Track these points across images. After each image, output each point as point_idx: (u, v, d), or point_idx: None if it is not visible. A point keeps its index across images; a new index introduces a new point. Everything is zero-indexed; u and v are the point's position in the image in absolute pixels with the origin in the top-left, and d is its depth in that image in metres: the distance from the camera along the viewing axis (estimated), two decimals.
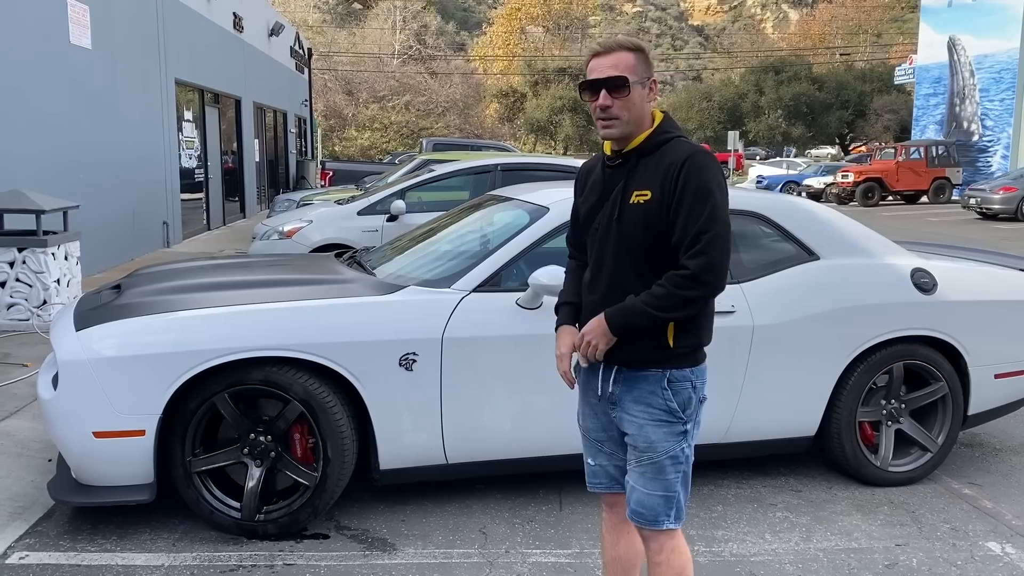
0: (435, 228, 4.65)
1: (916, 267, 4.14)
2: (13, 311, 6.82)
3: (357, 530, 3.59)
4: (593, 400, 2.47)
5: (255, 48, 19.36)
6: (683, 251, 2.23)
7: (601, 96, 2.28)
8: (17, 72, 8.50)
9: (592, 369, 2.44)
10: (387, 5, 62.81)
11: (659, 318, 2.24)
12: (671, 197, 2.25)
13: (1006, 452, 4.69)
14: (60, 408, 3.35)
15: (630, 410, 2.36)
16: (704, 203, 2.22)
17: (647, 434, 2.33)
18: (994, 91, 28.00)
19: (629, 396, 2.36)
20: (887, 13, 71.48)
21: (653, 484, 2.35)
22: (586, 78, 2.33)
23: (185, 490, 3.45)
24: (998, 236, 16.44)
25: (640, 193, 2.29)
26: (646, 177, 2.30)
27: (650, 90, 2.33)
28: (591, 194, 2.45)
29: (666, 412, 2.33)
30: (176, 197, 13.35)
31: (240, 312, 3.45)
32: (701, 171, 2.24)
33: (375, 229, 7.92)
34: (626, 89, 2.26)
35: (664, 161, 2.28)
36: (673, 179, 2.25)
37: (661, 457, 2.33)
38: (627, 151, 2.35)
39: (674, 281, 2.23)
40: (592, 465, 2.56)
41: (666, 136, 2.33)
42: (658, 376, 2.33)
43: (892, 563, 3.38)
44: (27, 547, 3.38)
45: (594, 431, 2.51)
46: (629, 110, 2.28)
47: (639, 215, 2.29)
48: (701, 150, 2.28)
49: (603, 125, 2.32)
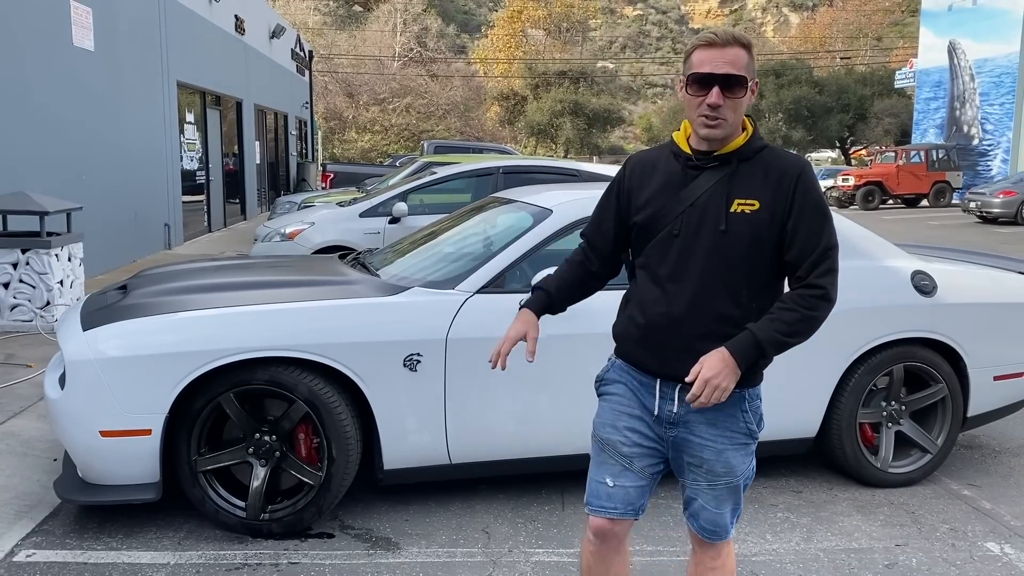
0: (439, 230, 4.68)
1: (916, 269, 4.16)
2: (16, 312, 6.85)
3: (361, 529, 3.62)
4: (636, 412, 2.25)
5: (256, 50, 19.40)
6: (809, 268, 2.09)
7: (714, 94, 2.06)
8: (20, 74, 8.53)
9: (642, 384, 2.24)
10: (388, 7, 62.89)
11: (793, 345, 2.08)
12: (786, 210, 2.10)
13: (1005, 454, 4.71)
14: (67, 407, 3.37)
15: (704, 434, 2.18)
16: (826, 218, 2.12)
17: (728, 459, 2.20)
18: (994, 95, 28.06)
19: (702, 419, 2.18)
20: (887, 17, 71.56)
21: (726, 504, 2.25)
22: (694, 70, 2.09)
23: (191, 489, 3.47)
24: (998, 240, 16.47)
25: (745, 202, 2.11)
26: (751, 185, 2.12)
27: (753, 92, 2.15)
28: (661, 195, 2.19)
29: (746, 435, 2.21)
30: (177, 199, 13.38)
31: (246, 312, 3.47)
32: (815, 185, 2.14)
33: (377, 231, 7.95)
34: (743, 91, 2.09)
35: (771, 170, 2.13)
36: (789, 192, 2.10)
37: (739, 480, 2.23)
38: (724, 153, 2.15)
39: (807, 303, 2.08)
40: (610, 487, 2.25)
41: (762, 143, 2.18)
42: (736, 398, 2.16)
43: (892, 563, 3.40)
44: (34, 545, 3.40)
45: (626, 446, 2.24)
46: (737, 112, 2.10)
47: (744, 226, 2.10)
48: (808, 162, 2.18)
49: (708, 124, 2.10)
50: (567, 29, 68.93)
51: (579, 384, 3.71)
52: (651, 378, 2.23)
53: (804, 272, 2.10)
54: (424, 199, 8.30)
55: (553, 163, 9.00)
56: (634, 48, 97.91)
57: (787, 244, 2.11)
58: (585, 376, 3.70)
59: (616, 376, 2.32)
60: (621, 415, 2.26)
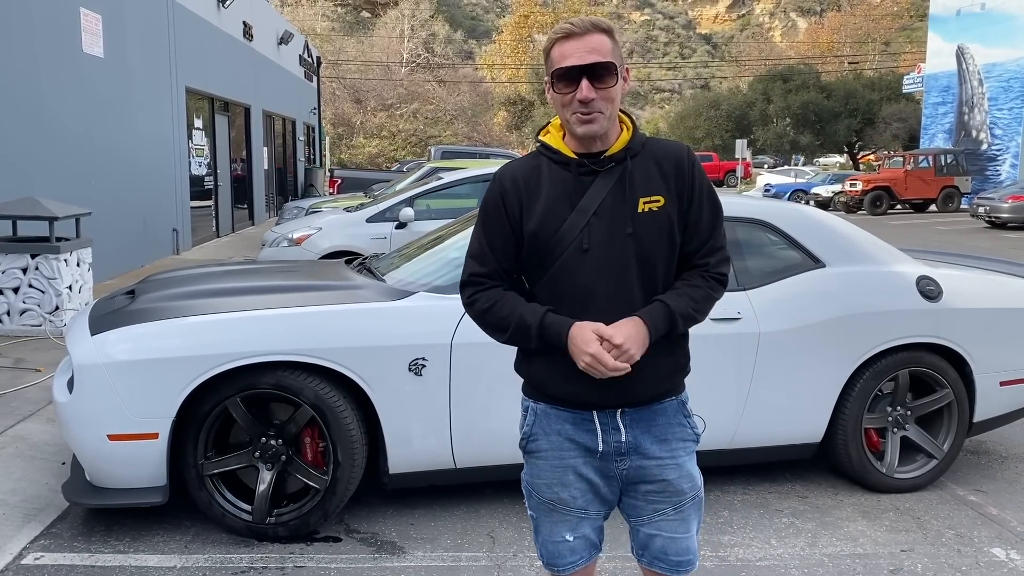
0: (444, 235, 4.70)
1: (922, 275, 4.16)
2: (26, 316, 6.89)
3: (366, 533, 3.63)
4: (579, 460, 2.03)
5: (264, 56, 19.49)
6: (706, 254, 2.01)
7: (583, 87, 1.88)
8: (30, 80, 8.60)
9: (577, 423, 2.02)
10: (395, 13, 63.12)
11: (695, 322, 1.99)
12: (687, 200, 1.99)
13: (1012, 459, 4.70)
14: (75, 411, 3.40)
15: (659, 453, 2.02)
16: (716, 203, 2.05)
17: (689, 471, 2.05)
18: (1003, 100, 27.97)
19: (650, 438, 2.02)
20: (896, 22, 71.45)
21: (692, 522, 2.07)
22: (557, 65, 1.91)
23: (197, 493, 3.49)
24: (1007, 245, 16.41)
25: (651, 200, 1.96)
26: (650, 181, 1.98)
27: (625, 79, 1.97)
28: (556, 207, 1.97)
29: (694, 441, 2.08)
30: (186, 204, 13.45)
31: (252, 317, 3.49)
32: (703, 169, 2.05)
33: (384, 236, 7.98)
34: (613, 78, 1.91)
35: (664, 161, 2.00)
36: (688, 180, 1.99)
37: (700, 490, 2.08)
38: (617, 152, 1.98)
39: (711, 284, 2.01)
40: (570, 542, 2.07)
41: (643, 135, 2.04)
42: (676, 405, 2.05)
43: (897, 568, 3.40)
44: (42, 548, 3.42)
45: (577, 499, 2.05)
46: (612, 102, 1.93)
47: (653, 224, 1.96)
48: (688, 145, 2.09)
49: (584, 120, 1.91)
50: None
51: None
52: (586, 412, 2.01)
53: (703, 259, 2.02)
54: (431, 204, 8.33)
55: None
56: (641, 53, 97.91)
57: (689, 234, 2.01)
58: None
59: (544, 428, 2.08)
60: (565, 469, 2.04)
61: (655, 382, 2.01)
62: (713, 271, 2.02)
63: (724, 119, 47.91)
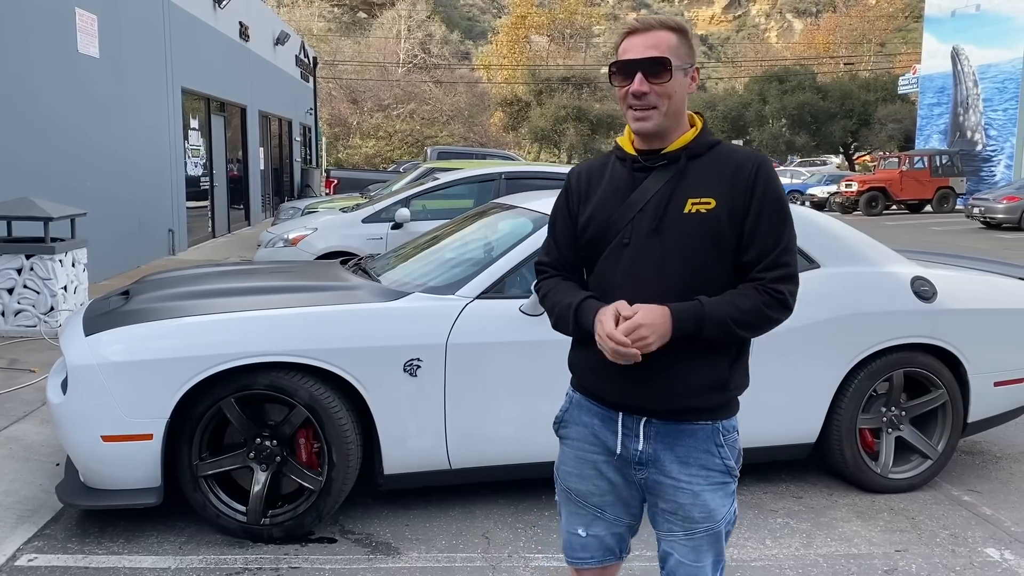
0: (439, 236, 4.70)
1: (916, 275, 4.17)
2: (21, 317, 6.88)
3: (361, 534, 3.63)
4: (600, 458, 2.04)
5: (261, 57, 19.48)
6: (764, 268, 1.91)
7: (636, 80, 1.90)
8: (25, 80, 8.58)
9: (603, 421, 2.02)
10: (392, 14, 63.11)
11: (734, 335, 1.88)
12: (744, 208, 1.92)
13: (1006, 460, 4.71)
14: (69, 412, 3.39)
15: (676, 475, 1.96)
16: (786, 216, 1.94)
17: (705, 502, 1.95)
18: (998, 101, 28.05)
19: (671, 456, 1.95)
20: (891, 23, 71.60)
21: (706, 555, 1.99)
22: (618, 59, 1.95)
23: (192, 494, 3.49)
24: (1001, 245, 16.45)
25: (700, 201, 1.92)
26: (705, 182, 1.94)
27: (692, 79, 1.96)
28: (607, 202, 2.00)
29: (724, 473, 1.97)
30: (182, 205, 13.43)
31: (247, 318, 3.49)
32: (774, 182, 1.95)
33: (379, 237, 7.97)
34: (667, 73, 1.89)
35: (726, 165, 1.95)
36: (747, 187, 1.92)
37: (720, 526, 1.98)
38: (672, 151, 1.97)
39: (765, 300, 1.88)
40: (583, 537, 2.10)
41: (713, 139, 2.00)
42: (709, 431, 1.95)
43: (891, 569, 3.41)
44: (36, 549, 3.42)
45: (594, 495, 2.06)
46: (669, 99, 1.91)
47: (699, 225, 1.91)
48: (766, 156, 2.00)
49: (637, 116, 1.93)
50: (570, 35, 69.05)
51: None
52: (613, 412, 2.00)
53: (759, 273, 1.91)
54: (426, 205, 8.33)
55: (555, 169, 9.02)
56: None
57: (744, 244, 1.92)
58: None
59: (575, 416, 2.09)
60: (585, 462, 2.06)
61: (680, 393, 1.92)
62: (768, 286, 1.90)
63: (720, 120, 47.97)
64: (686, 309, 1.85)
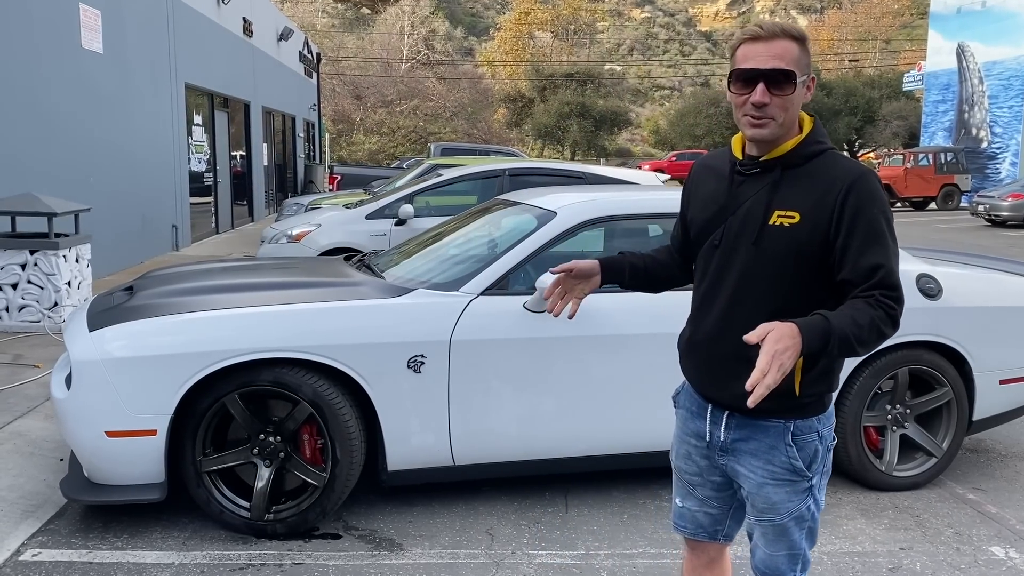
0: (443, 232, 4.69)
1: (921, 273, 4.16)
2: (24, 312, 6.89)
3: (365, 530, 3.63)
4: (693, 440, 2.17)
5: (264, 53, 19.47)
6: (871, 286, 1.86)
7: (758, 91, 1.89)
8: (29, 76, 8.58)
9: (698, 408, 2.14)
10: (395, 10, 63.06)
11: (855, 353, 1.82)
12: (831, 226, 1.89)
13: (1011, 458, 4.70)
14: (73, 408, 3.39)
15: (747, 463, 2.05)
16: (879, 236, 1.87)
17: (767, 494, 2.03)
18: (1003, 98, 27.97)
19: (746, 447, 2.04)
20: (896, 20, 71.42)
21: (776, 545, 2.06)
22: (738, 66, 1.93)
23: (195, 490, 3.49)
24: (1006, 243, 16.41)
25: (786, 214, 1.92)
26: (794, 195, 1.93)
27: (808, 89, 1.96)
28: (711, 202, 2.06)
29: (788, 470, 2.01)
30: (185, 200, 13.43)
31: (251, 314, 3.49)
32: (872, 198, 1.88)
33: (383, 233, 7.97)
34: (791, 86, 1.90)
35: (820, 179, 1.92)
36: (836, 205, 1.88)
37: (784, 519, 2.03)
38: (768, 159, 1.97)
39: (878, 313, 1.82)
40: (680, 507, 2.26)
41: (819, 147, 1.97)
42: (780, 428, 2.00)
43: (896, 567, 3.40)
44: (40, 545, 3.42)
45: (689, 473, 2.21)
46: (787, 111, 1.92)
47: (782, 240, 1.92)
48: (869, 172, 1.92)
49: (754, 123, 1.93)
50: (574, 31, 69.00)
51: (582, 386, 3.72)
52: (704, 401, 2.12)
53: (868, 291, 1.85)
54: (430, 201, 8.32)
55: (559, 165, 9.01)
56: (641, 50, 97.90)
57: (837, 263, 1.90)
58: (588, 378, 3.72)
59: (682, 399, 2.23)
60: (683, 441, 2.21)
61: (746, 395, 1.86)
62: (882, 301, 1.83)
63: (724, 116, 47.83)
64: (813, 327, 1.76)
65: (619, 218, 4.03)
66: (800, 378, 1.96)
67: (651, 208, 4.12)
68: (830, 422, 2.06)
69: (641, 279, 2.33)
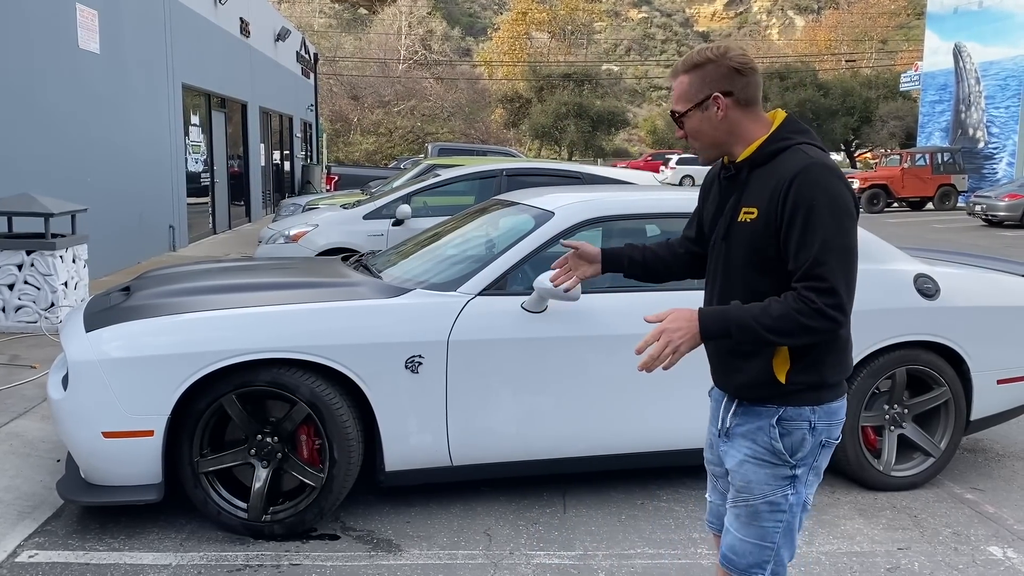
0: (441, 232, 4.69)
1: (919, 273, 4.16)
2: (21, 313, 6.87)
3: (363, 531, 3.62)
4: (714, 429, 2.25)
5: (261, 53, 19.45)
6: (799, 278, 1.94)
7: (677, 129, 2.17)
8: (26, 76, 8.56)
9: (718, 397, 2.24)
10: (393, 10, 63.05)
11: (765, 339, 1.94)
12: (778, 218, 1.97)
13: (1008, 457, 4.70)
14: (70, 408, 3.38)
15: (736, 444, 2.14)
16: (816, 227, 1.92)
17: (745, 472, 2.10)
18: (1000, 98, 28.01)
19: (739, 430, 2.13)
20: (893, 20, 71.52)
21: (747, 529, 2.10)
22: None
23: (193, 490, 3.48)
24: (1003, 243, 16.43)
25: (748, 210, 2.05)
26: (755, 192, 2.05)
27: (718, 108, 2.06)
28: (711, 204, 2.24)
29: (769, 451, 2.07)
30: (182, 201, 13.42)
31: (248, 314, 3.48)
32: (813, 188, 1.93)
33: (381, 233, 7.96)
34: (680, 123, 2.13)
35: (775, 174, 2.01)
36: (780, 198, 1.97)
37: (757, 500, 2.08)
38: (739, 162, 2.10)
39: (798, 305, 1.91)
40: (709, 501, 2.35)
41: (783, 144, 2.04)
42: (771, 412, 2.07)
43: (894, 567, 3.40)
44: (36, 546, 3.41)
45: (711, 463, 2.30)
46: (699, 137, 2.12)
47: (745, 235, 2.05)
48: (817, 162, 1.96)
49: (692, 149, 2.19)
50: (571, 32, 69.02)
51: (580, 386, 3.72)
52: (720, 393, 2.23)
53: (796, 283, 1.95)
54: (428, 201, 8.32)
55: (556, 165, 9.01)
56: (639, 51, 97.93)
57: (785, 255, 1.98)
58: (586, 378, 3.71)
59: (714, 390, 2.30)
60: (709, 431, 2.30)
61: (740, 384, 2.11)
62: (802, 293, 1.92)
63: None
64: (712, 314, 1.98)
65: (616, 218, 4.02)
66: (784, 368, 2.04)
67: (648, 208, 4.12)
68: (830, 418, 2.08)
69: (638, 270, 2.47)
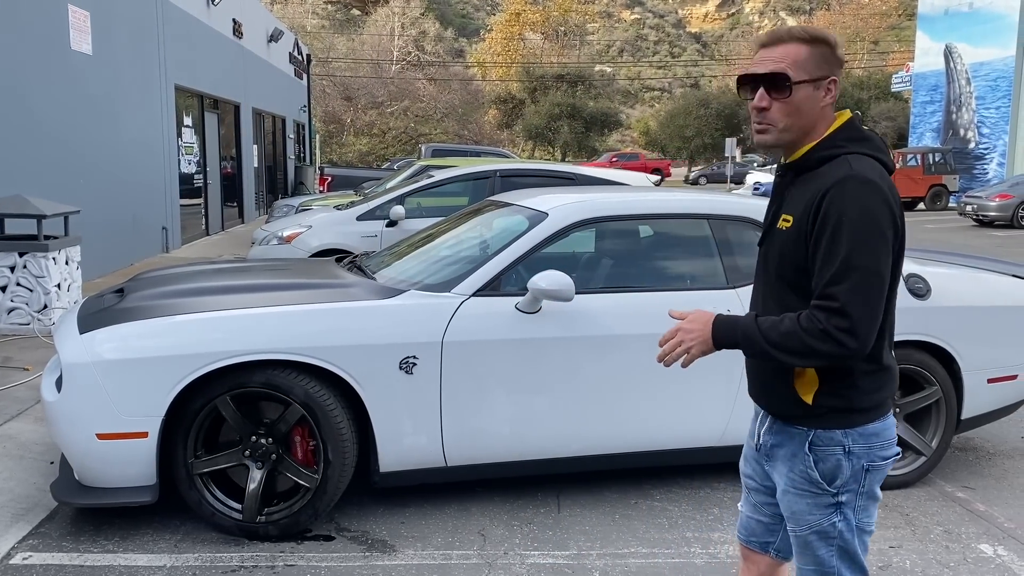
0: (435, 233, 4.70)
1: (910, 272, 4.18)
2: (14, 315, 6.86)
3: (357, 532, 3.63)
4: (751, 442, 2.16)
5: (254, 54, 19.42)
6: (816, 298, 1.84)
7: (757, 95, 1.90)
8: (18, 77, 8.54)
9: (756, 411, 2.16)
10: (386, 11, 63.02)
11: (771, 355, 1.86)
12: (808, 231, 1.86)
13: (999, 456, 4.73)
14: (64, 410, 3.38)
15: (778, 469, 2.03)
16: (839, 244, 1.80)
17: (788, 503, 2.00)
18: (990, 99, 28.14)
19: (779, 452, 2.03)
20: (884, 21, 71.81)
21: (803, 557, 2.03)
22: None
23: (187, 492, 3.48)
24: (994, 243, 16.51)
25: (785, 218, 1.93)
26: (795, 200, 1.93)
27: (827, 92, 1.91)
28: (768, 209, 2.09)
29: (806, 480, 1.95)
30: (175, 202, 13.39)
31: (242, 316, 3.48)
32: (844, 202, 1.80)
33: (374, 234, 7.96)
34: (787, 90, 1.87)
35: (814, 184, 1.88)
36: (813, 209, 1.85)
37: (804, 531, 1.98)
38: (788, 164, 1.97)
39: (805, 323, 1.82)
40: (740, 510, 2.26)
41: (835, 151, 1.89)
42: (803, 436, 1.96)
43: (886, 565, 3.42)
44: (30, 548, 3.41)
45: (747, 476, 2.20)
46: (790, 116, 1.89)
47: (780, 243, 1.94)
48: (857, 175, 1.82)
49: (757, 130, 1.93)
50: (565, 33, 69.09)
51: (575, 387, 3.73)
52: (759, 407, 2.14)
53: (812, 301, 1.85)
54: (421, 202, 8.32)
55: (550, 167, 9.02)
56: (631, 52, 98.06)
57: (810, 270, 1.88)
58: (580, 379, 3.73)
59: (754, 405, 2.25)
60: (747, 443, 2.21)
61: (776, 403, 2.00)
62: (814, 315, 1.82)
63: (714, 118, 48.05)
64: (726, 322, 1.93)
65: (610, 219, 4.04)
66: (811, 391, 1.93)
67: (642, 209, 4.14)
68: (869, 441, 1.92)
69: None
